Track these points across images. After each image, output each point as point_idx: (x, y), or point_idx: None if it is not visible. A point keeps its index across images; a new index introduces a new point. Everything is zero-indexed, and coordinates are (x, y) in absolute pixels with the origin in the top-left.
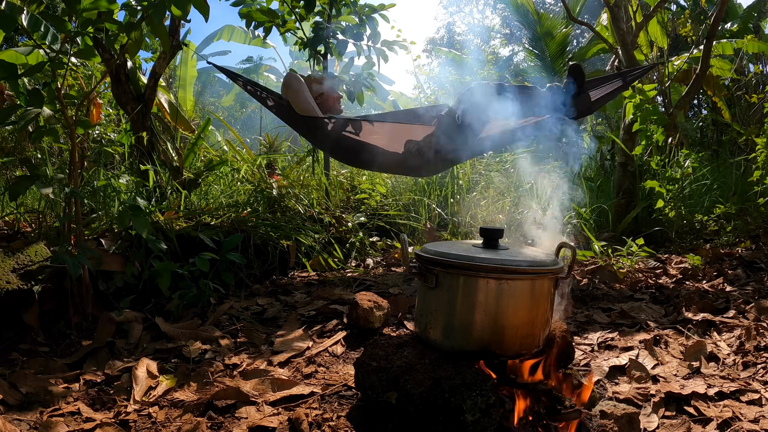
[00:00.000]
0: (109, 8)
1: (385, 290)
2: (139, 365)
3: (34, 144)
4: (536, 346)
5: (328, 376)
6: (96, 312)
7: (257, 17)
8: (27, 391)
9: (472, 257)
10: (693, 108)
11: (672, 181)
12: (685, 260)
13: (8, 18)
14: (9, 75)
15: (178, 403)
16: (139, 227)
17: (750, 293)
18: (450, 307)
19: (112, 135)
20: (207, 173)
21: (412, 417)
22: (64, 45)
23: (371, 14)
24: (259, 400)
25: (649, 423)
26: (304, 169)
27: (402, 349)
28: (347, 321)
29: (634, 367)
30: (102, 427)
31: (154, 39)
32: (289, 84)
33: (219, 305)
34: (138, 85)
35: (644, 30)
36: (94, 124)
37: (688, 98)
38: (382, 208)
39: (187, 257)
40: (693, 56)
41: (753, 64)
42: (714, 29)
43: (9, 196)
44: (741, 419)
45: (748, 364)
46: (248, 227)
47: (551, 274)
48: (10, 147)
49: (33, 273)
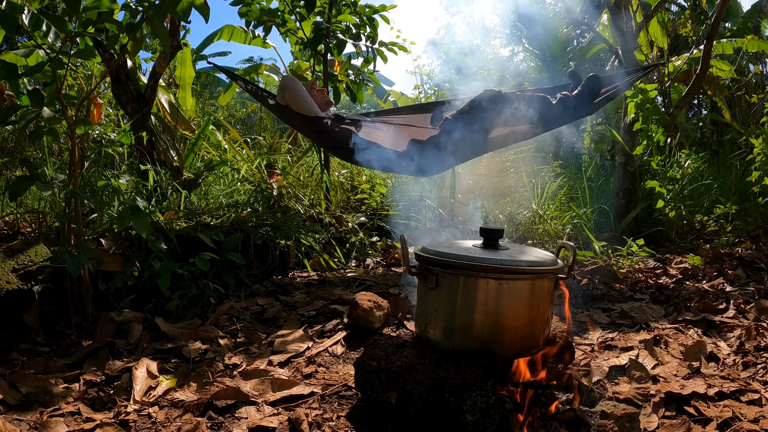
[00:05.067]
0: (110, 8)
1: (385, 290)
2: (139, 365)
3: (34, 144)
4: (536, 346)
5: (328, 376)
6: (96, 312)
7: (257, 17)
8: (27, 391)
9: (472, 257)
10: (693, 108)
11: (672, 181)
12: (685, 260)
13: (9, 17)
14: (9, 75)
15: (178, 403)
16: (139, 227)
17: (750, 293)
18: (450, 307)
19: (112, 135)
20: (207, 173)
21: (412, 417)
22: (64, 45)
23: (372, 15)
24: (259, 400)
25: (649, 423)
26: (304, 169)
27: (402, 349)
28: (347, 321)
29: (634, 367)
30: (102, 427)
31: (154, 39)
32: (286, 86)
33: (219, 305)
34: (138, 85)
35: (644, 30)
36: (94, 124)
37: (689, 98)
38: (382, 208)
39: (187, 257)
40: (693, 56)
41: (753, 64)
42: (714, 29)
43: (9, 196)
44: (741, 419)
45: (748, 364)
46: (248, 227)
47: (551, 274)
48: (10, 147)
49: (33, 273)
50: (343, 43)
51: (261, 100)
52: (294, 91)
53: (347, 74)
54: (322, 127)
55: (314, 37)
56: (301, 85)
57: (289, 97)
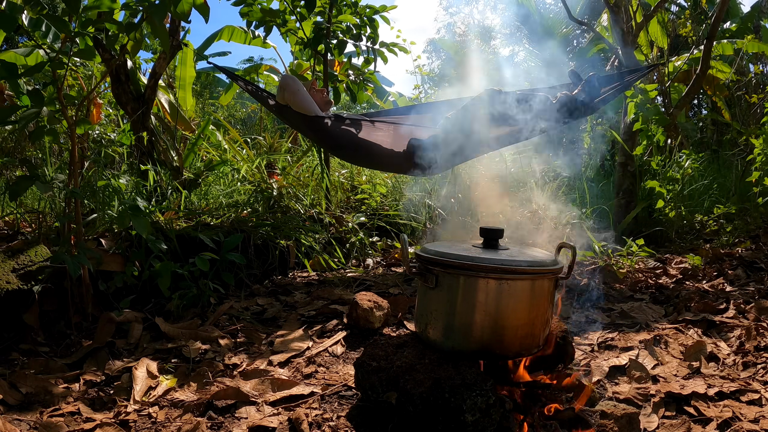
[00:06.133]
0: (110, 8)
1: (385, 290)
2: (139, 365)
3: (34, 144)
4: (536, 346)
5: (328, 376)
6: (96, 312)
7: (258, 17)
8: (27, 391)
9: (472, 257)
10: (693, 108)
11: (672, 181)
12: (685, 260)
13: (9, 17)
14: (9, 75)
15: (178, 403)
16: (139, 227)
17: (750, 293)
18: (450, 307)
19: (112, 135)
20: (207, 173)
21: (412, 417)
22: (64, 45)
23: (372, 15)
24: (259, 400)
25: (649, 423)
26: (304, 169)
27: (402, 349)
28: (347, 321)
29: (634, 367)
30: (102, 427)
31: (154, 39)
32: (286, 86)
33: (219, 305)
34: (138, 85)
35: (644, 30)
36: (94, 124)
37: (689, 98)
38: (382, 208)
39: (187, 257)
40: (693, 56)
41: (753, 65)
42: (714, 29)
43: (9, 196)
44: (741, 419)
45: (748, 364)
46: (248, 227)
47: (551, 274)
48: (10, 147)
49: (33, 273)
50: (344, 43)
51: (261, 100)
52: (294, 91)
53: (347, 74)
54: (322, 127)
55: (315, 37)
56: (301, 84)
57: (289, 96)
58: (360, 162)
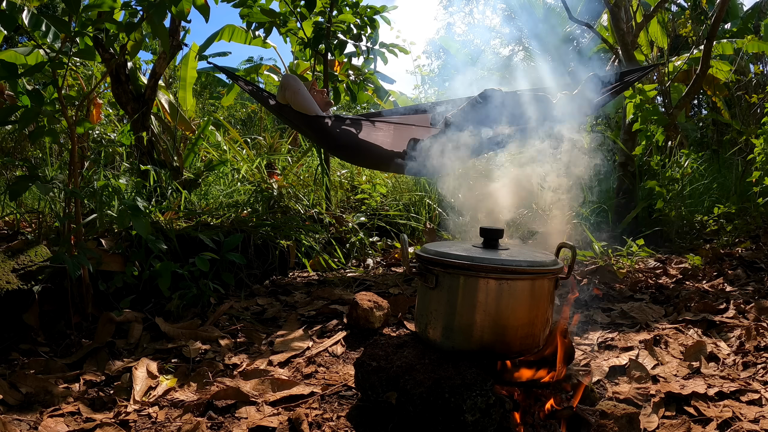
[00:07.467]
0: (111, 7)
1: (385, 290)
2: (139, 365)
3: (34, 144)
4: (536, 346)
5: (328, 376)
6: (96, 312)
7: (258, 18)
8: (27, 391)
9: (472, 257)
10: (693, 108)
11: (672, 181)
12: (685, 260)
13: (9, 17)
14: (9, 75)
15: (178, 403)
16: (139, 228)
17: (750, 293)
18: (450, 307)
19: (112, 135)
20: (207, 173)
21: (412, 417)
22: (64, 45)
23: (373, 16)
24: (259, 400)
25: (649, 423)
26: (304, 169)
27: (402, 349)
28: (347, 321)
29: (634, 367)
30: (102, 427)
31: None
32: (287, 85)
33: (219, 305)
34: (138, 85)
35: (644, 30)
36: (94, 124)
37: (688, 98)
38: (382, 208)
39: (187, 257)
40: (693, 56)
41: (753, 65)
42: (714, 30)
43: (9, 196)
44: (741, 419)
45: (748, 364)
46: (248, 227)
47: (551, 274)
48: (10, 147)
49: (33, 273)
50: (344, 43)
51: (261, 100)
52: (295, 90)
53: (347, 74)
54: (322, 127)
55: (315, 37)
56: (302, 83)
57: (289, 95)
58: (360, 162)
